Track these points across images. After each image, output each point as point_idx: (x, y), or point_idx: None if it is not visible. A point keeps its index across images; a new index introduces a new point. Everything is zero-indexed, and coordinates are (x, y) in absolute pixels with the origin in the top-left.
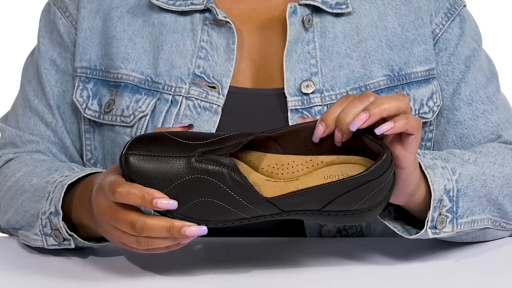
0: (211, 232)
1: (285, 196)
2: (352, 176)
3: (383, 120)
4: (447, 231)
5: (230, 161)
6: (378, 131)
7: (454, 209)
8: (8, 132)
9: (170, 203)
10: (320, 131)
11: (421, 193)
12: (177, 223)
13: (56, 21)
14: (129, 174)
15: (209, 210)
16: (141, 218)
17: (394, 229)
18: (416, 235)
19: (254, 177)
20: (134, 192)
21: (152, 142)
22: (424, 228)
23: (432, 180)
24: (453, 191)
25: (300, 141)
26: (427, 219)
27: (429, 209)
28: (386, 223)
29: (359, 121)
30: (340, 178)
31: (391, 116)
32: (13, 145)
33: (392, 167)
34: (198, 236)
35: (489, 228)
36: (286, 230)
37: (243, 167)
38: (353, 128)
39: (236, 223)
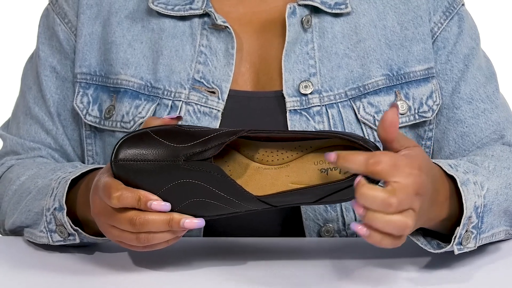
0: (212, 232)
1: (275, 195)
2: (341, 179)
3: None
4: (470, 247)
5: (214, 165)
6: (352, 226)
7: (479, 225)
8: (9, 140)
9: (162, 205)
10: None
11: (439, 215)
12: (176, 215)
13: (55, 28)
14: (121, 180)
15: (202, 208)
16: (141, 214)
17: (417, 241)
18: (440, 250)
19: (246, 166)
20: (130, 195)
21: (139, 145)
22: (451, 244)
23: (465, 198)
24: (481, 208)
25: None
26: (454, 235)
27: (458, 226)
28: (410, 236)
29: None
30: (330, 166)
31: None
32: (15, 153)
33: None
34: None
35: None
36: (286, 230)
37: (236, 157)
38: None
39: (231, 215)
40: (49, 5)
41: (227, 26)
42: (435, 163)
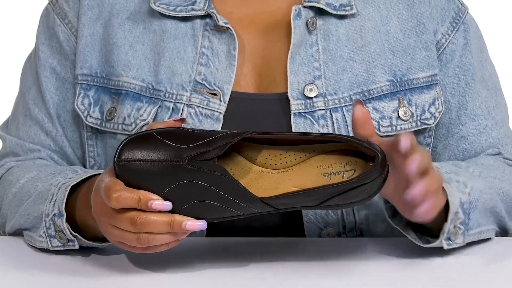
0: (212, 232)
1: (278, 197)
2: (344, 181)
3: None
4: (458, 243)
5: (218, 165)
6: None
7: (466, 221)
8: (9, 142)
9: (164, 205)
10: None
11: (441, 200)
12: (178, 217)
13: (55, 28)
14: (124, 180)
15: (205, 210)
16: (142, 214)
17: (407, 235)
18: (429, 245)
19: (249, 169)
20: (130, 196)
21: (142, 146)
22: (439, 240)
23: (450, 194)
24: (467, 204)
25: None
26: (443, 231)
27: (446, 222)
28: (401, 230)
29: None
30: (334, 171)
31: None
32: (15, 154)
33: (386, 168)
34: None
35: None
36: (287, 232)
37: (238, 160)
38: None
39: (234, 218)
40: (49, 5)
41: (229, 27)
42: None
